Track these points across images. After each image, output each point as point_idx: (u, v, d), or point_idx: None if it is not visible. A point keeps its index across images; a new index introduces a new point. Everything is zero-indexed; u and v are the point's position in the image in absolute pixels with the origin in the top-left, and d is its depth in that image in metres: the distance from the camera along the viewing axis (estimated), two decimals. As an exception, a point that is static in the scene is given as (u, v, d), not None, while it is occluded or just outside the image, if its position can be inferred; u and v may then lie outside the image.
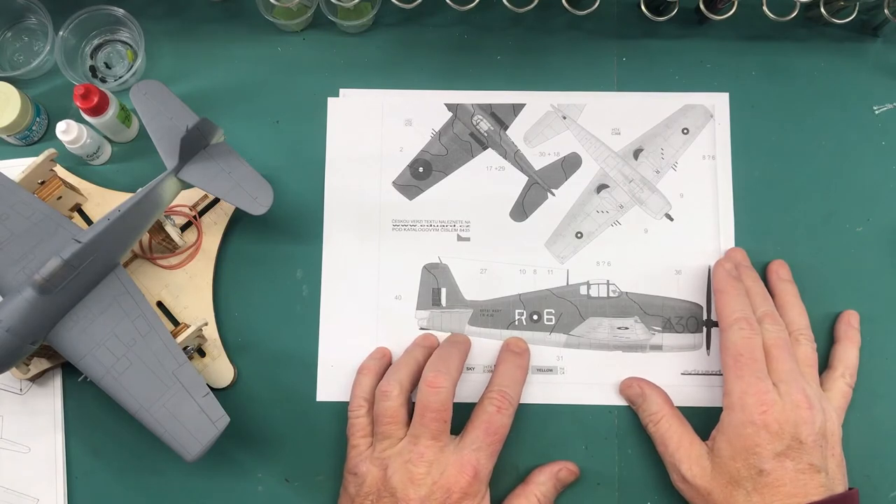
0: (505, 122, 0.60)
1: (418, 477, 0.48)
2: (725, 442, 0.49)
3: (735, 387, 0.50)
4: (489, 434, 0.50)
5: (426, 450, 0.48)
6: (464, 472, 0.48)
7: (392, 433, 0.50)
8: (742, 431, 0.48)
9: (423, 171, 0.59)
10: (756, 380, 0.49)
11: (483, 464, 0.49)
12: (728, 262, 0.55)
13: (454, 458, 0.48)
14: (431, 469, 0.48)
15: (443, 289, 0.57)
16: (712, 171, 0.59)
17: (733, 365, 0.50)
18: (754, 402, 0.48)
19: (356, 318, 0.57)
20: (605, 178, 0.59)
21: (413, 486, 0.47)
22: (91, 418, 0.55)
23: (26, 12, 0.60)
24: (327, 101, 0.59)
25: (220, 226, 0.57)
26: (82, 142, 0.54)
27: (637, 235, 0.58)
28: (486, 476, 0.49)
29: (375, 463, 0.49)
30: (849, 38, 0.61)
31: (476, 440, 0.49)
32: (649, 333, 0.57)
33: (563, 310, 0.57)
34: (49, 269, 0.45)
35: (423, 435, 0.49)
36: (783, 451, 0.48)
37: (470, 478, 0.48)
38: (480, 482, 0.49)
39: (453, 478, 0.48)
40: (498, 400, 0.51)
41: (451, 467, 0.48)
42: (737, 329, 0.51)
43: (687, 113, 0.60)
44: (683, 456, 0.51)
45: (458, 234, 0.58)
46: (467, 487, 0.48)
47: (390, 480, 0.48)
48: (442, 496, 0.47)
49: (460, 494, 0.48)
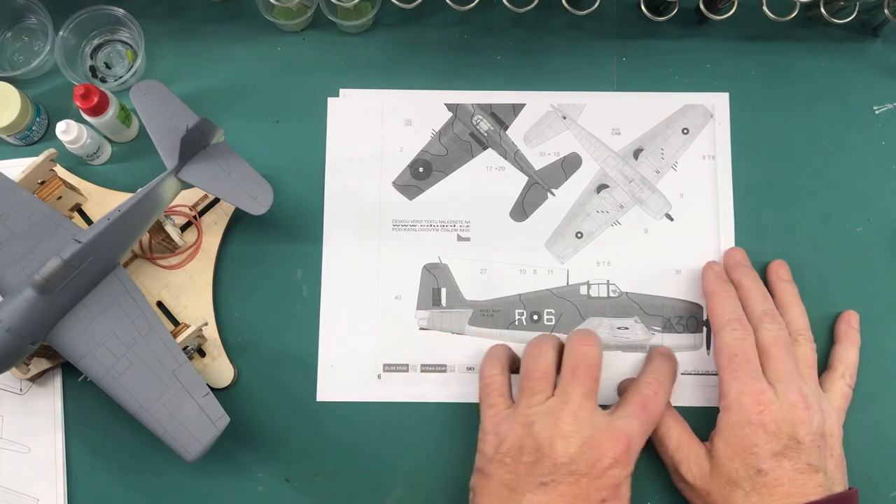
0: (505, 122, 0.60)
1: (568, 433, 0.46)
2: (723, 443, 0.49)
3: (731, 388, 0.50)
4: (644, 411, 0.49)
5: (579, 408, 0.47)
6: (617, 442, 0.47)
7: (542, 389, 0.49)
8: (739, 432, 0.48)
9: (423, 171, 0.59)
10: (751, 380, 0.49)
11: (636, 438, 0.48)
12: (717, 265, 0.56)
13: (606, 425, 0.47)
14: (582, 428, 0.47)
15: (443, 289, 0.57)
16: (712, 171, 0.59)
17: (728, 366, 0.50)
18: (751, 402, 0.48)
19: (356, 318, 0.57)
20: (605, 178, 0.59)
21: (562, 441, 0.46)
22: (91, 418, 0.55)
23: (26, 12, 0.60)
24: (327, 101, 0.59)
25: (220, 226, 0.57)
26: (82, 142, 0.54)
27: (637, 235, 0.58)
28: (636, 451, 0.48)
29: (520, 419, 0.48)
30: (849, 38, 0.61)
31: (631, 413, 0.48)
32: (649, 333, 0.57)
33: (564, 310, 0.57)
34: (49, 269, 0.45)
35: (574, 392, 0.48)
36: (781, 450, 0.47)
37: (623, 447, 0.47)
38: (631, 455, 0.47)
39: (607, 444, 0.46)
40: (654, 385, 0.51)
41: (603, 434, 0.47)
42: (729, 330, 0.51)
43: (687, 113, 0.60)
44: (682, 456, 0.51)
45: (458, 234, 0.58)
46: (620, 456, 0.46)
47: (537, 437, 0.47)
48: (592, 459, 0.46)
49: (611, 461, 0.46)
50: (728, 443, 0.49)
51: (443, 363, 0.56)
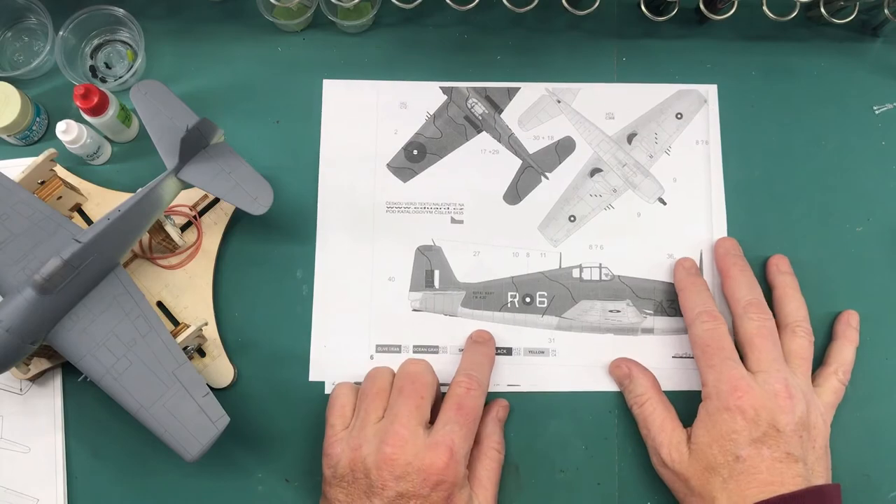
0: (499, 105, 0.60)
1: (392, 456, 0.46)
2: (703, 429, 0.49)
3: (708, 376, 0.50)
4: (461, 411, 0.49)
5: (403, 427, 0.47)
6: (440, 455, 0.47)
7: (374, 409, 0.50)
8: (717, 418, 0.49)
9: (417, 154, 0.59)
10: (727, 367, 0.50)
11: (458, 442, 0.48)
12: (687, 261, 0.56)
13: (427, 441, 0.47)
14: (405, 448, 0.47)
15: (436, 271, 0.57)
16: (705, 155, 0.59)
17: (702, 356, 0.51)
18: (728, 389, 0.49)
19: (349, 299, 0.57)
20: (598, 162, 0.59)
21: (388, 465, 0.46)
22: (91, 418, 0.55)
23: (26, 12, 0.60)
24: (323, 83, 0.59)
25: (220, 226, 0.57)
26: (82, 142, 0.54)
27: (630, 219, 0.58)
28: (462, 454, 0.48)
29: (351, 442, 0.49)
30: (849, 38, 0.61)
31: (449, 419, 0.49)
32: (641, 316, 0.57)
33: (556, 292, 0.57)
34: (49, 269, 0.45)
35: (401, 410, 0.49)
36: (760, 437, 0.47)
37: (446, 459, 0.47)
38: (456, 461, 0.47)
39: (429, 460, 0.46)
40: (465, 382, 0.51)
41: (426, 451, 0.47)
42: (699, 323, 0.52)
43: (681, 97, 0.60)
44: (664, 440, 0.51)
45: (452, 216, 0.58)
46: (444, 469, 0.46)
47: (365, 461, 0.48)
48: (418, 480, 0.46)
49: (437, 478, 0.46)
50: (707, 429, 0.49)
51: (435, 344, 0.56)
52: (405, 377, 0.50)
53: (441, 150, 0.59)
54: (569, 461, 0.55)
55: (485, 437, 0.53)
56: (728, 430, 0.48)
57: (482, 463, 0.52)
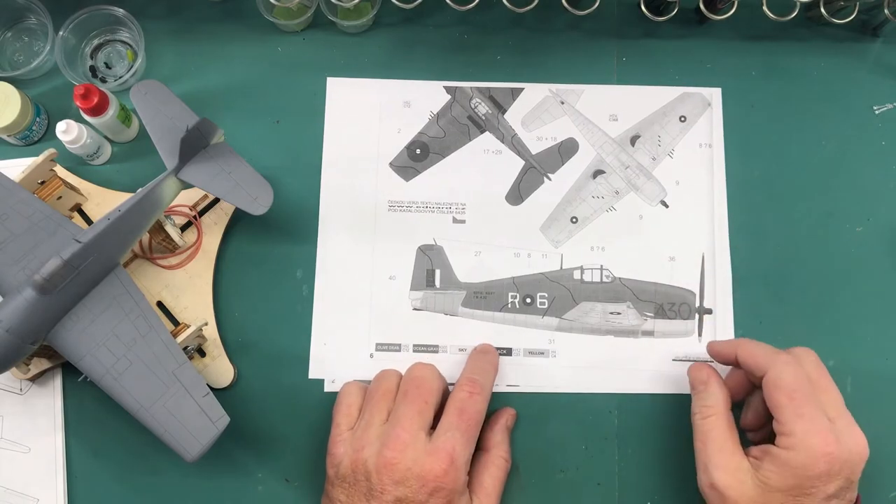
0: (503, 105, 0.60)
1: (392, 461, 0.46)
2: (778, 475, 0.46)
3: (796, 427, 0.46)
4: (462, 416, 0.49)
5: (405, 431, 0.47)
6: (440, 461, 0.46)
7: (379, 411, 0.50)
8: (802, 473, 0.45)
9: (420, 153, 0.59)
10: (817, 418, 0.46)
11: (459, 448, 0.47)
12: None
13: (428, 447, 0.47)
14: (406, 453, 0.46)
15: (437, 270, 0.57)
16: (709, 159, 0.59)
17: (789, 404, 0.46)
18: (819, 443, 0.45)
19: (350, 297, 0.57)
20: (601, 164, 0.59)
21: (387, 469, 0.46)
22: (91, 418, 0.55)
23: (26, 12, 0.60)
24: (326, 80, 0.59)
25: (220, 226, 0.57)
26: (82, 142, 0.54)
27: (632, 221, 0.58)
28: (463, 460, 0.47)
29: (355, 443, 0.49)
30: (849, 38, 0.61)
31: (450, 425, 0.48)
32: (641, 319, 0.57)
33: (557, 294, 0.57)
34: (49, 269, 0.45)
35: (405, 414, 0.48)
36: (835, 492, 0.46)
37: (446, 465, 0.46)
38: (456, 467, 0.47)
39: (429, 466, 0.46)
40: (468, 386, 0.50)
41: (426, 457, 0.46)
42: (782, 364, 0.47)
43: (685, 100, 0.60)
44: (721, 462, 0.48)
45: (454, 216, 0.58)
46: (443, 475, 0.46)
47: (366, 464, 0.47)
48: (416, 485, 0.46)
49: (435, 484, 0.46)
50: (785, 478, 0.46)
51: (435, 344, 0.56)
52: (411, 381, 0.50)
53: (444, 150, 0.59)
54: (569, 461, 0.55)
55: (493, 445, 0.52)
56: (809, 486, 0.45)
57: (489, 471, 0.51)
